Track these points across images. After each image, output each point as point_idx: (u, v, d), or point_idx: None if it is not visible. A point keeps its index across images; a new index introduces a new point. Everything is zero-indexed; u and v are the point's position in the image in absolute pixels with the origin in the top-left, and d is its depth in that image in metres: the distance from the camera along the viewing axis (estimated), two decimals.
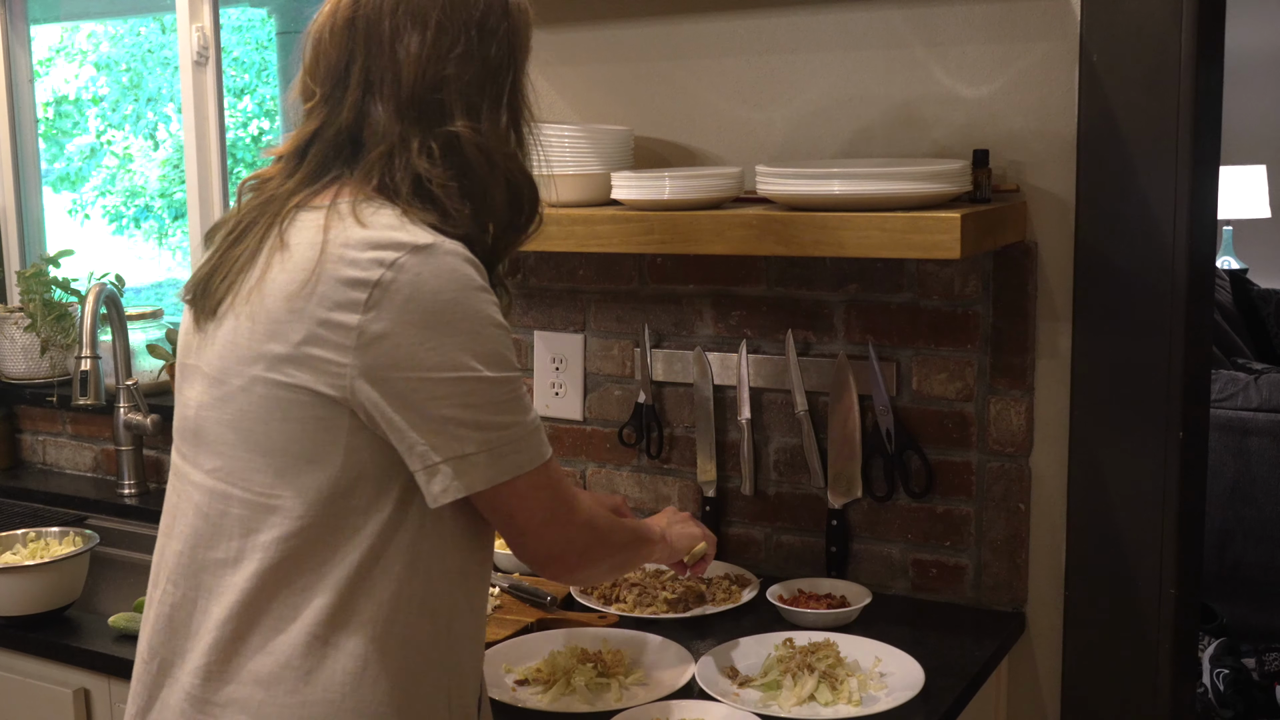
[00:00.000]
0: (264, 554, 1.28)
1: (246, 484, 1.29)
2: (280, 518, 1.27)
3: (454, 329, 1.24)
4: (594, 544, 1.42)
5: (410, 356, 1.23)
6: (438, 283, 1.23)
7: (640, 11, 2.21)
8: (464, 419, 1.25)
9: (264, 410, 1.27)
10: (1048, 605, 2.02)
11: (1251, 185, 5.94)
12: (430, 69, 1.31)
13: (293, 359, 1.25)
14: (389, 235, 1.24)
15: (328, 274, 1.23)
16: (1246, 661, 3.48)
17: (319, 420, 1.26)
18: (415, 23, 1.31)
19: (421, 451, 1.25)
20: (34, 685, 2.09)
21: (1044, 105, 1.92)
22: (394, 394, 1.23)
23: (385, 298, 1.22)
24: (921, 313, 2.04)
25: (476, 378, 1.25)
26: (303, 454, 1.27)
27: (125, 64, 4.22)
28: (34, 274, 2.98)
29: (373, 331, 1.22)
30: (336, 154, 1.33)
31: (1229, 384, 3.68)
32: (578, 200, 2.04)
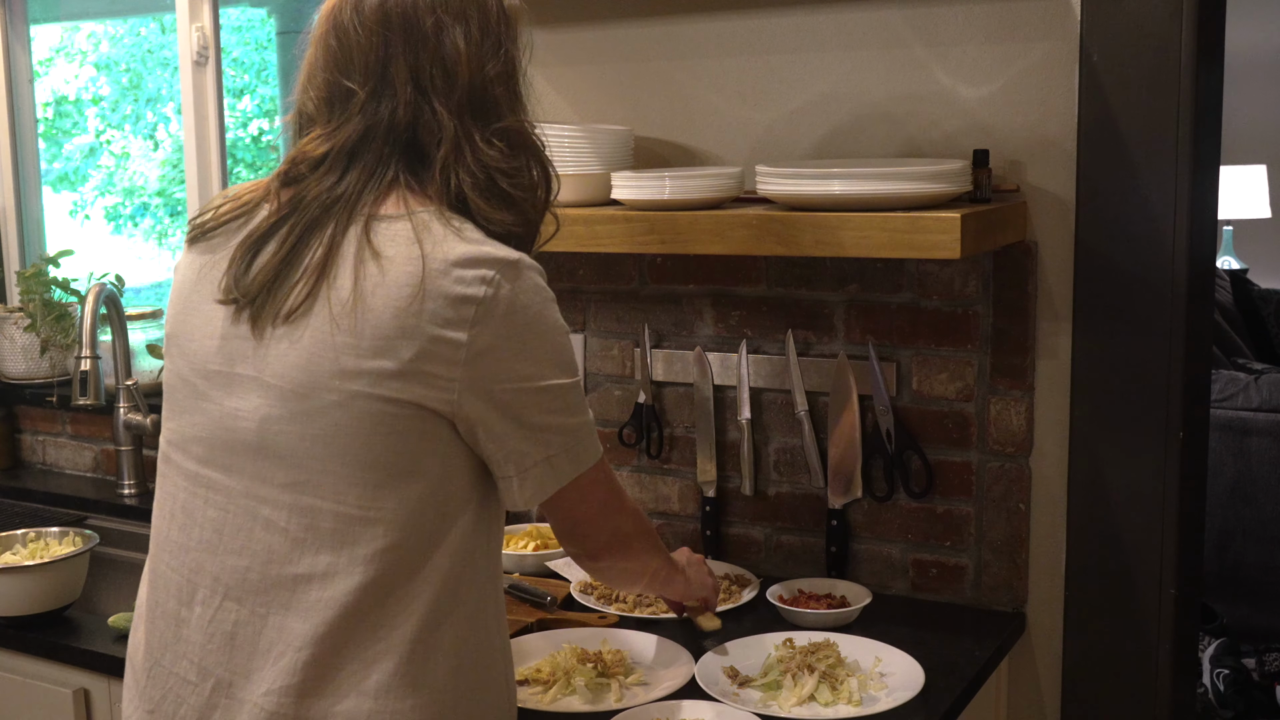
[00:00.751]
0: (366, 566, 1.28)
1: (340, 497, 1.28)
2: (381, 529, 1.28)
3: (541, 341, 1.32)
4: (639, 534, 1.54)
5: (508, 369, 1.29)
6: (526, 298, 1.30)
7: (640, 11, 2.21)
8: (551, 424, 1.34)
9: (365, 425, 1.26)
10: (1048, 605, 2.02)
11: (1251, 185, 5.94)
12: (478, 66, 1.33)
13: (403, 374, 1.26)
14: (484, 251, 1.29)
15: (435, 290, 1.25)
16: (1246, 661, 3.48)
17: (421, 433, 1.28)
18: (458, 20, 1.33)
19: (518, 457, 1.33)
20: (34, 685, 2.09)
21: (1044, 105, 1.92)
22: (498, 405, 1.30)
23: (488, 314, 1.27)
24: (921, 313, 2.04)
25: (559, 385, 1.34)
26: (403, 465, 1.28)
27: (125, 64, 4.22)
28: (34, 274, 2.98)
29: (478, 347, 1.27)
30: (392, 154, 1.33)
31: (1229, 384, 3.68)
32: (578, 200, 2.04)
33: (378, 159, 1.32)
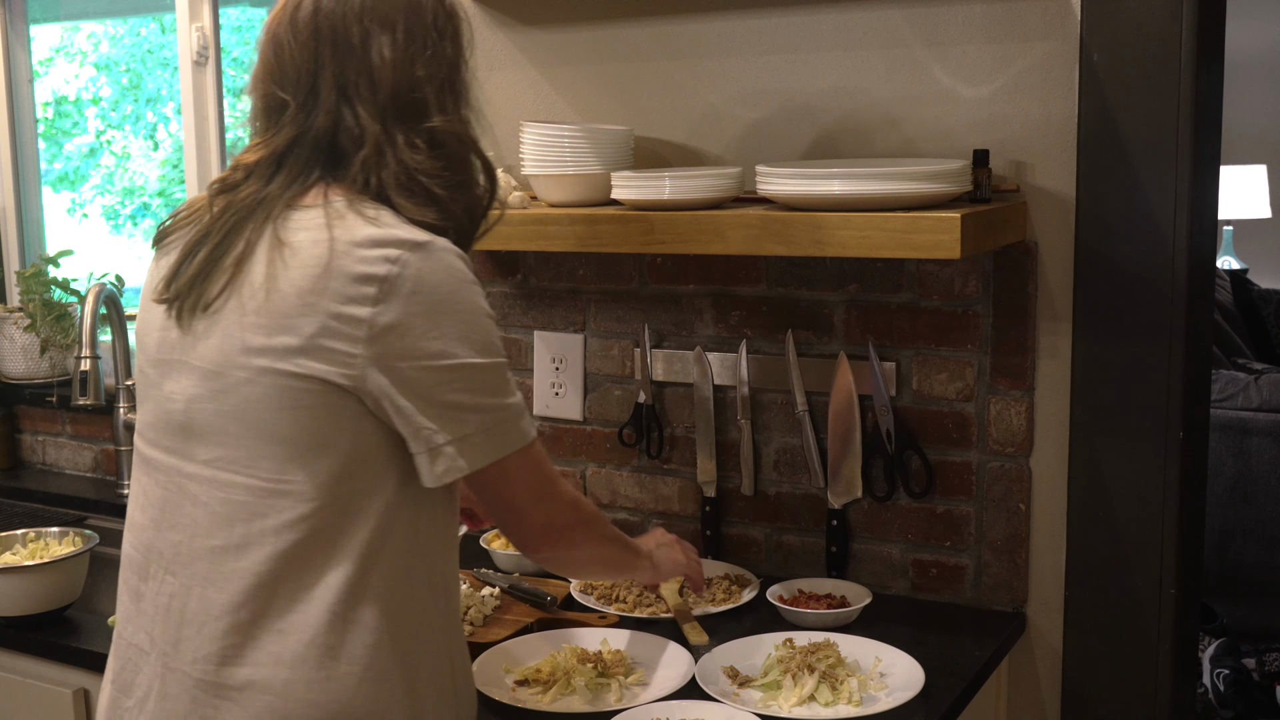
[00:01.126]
0: (276, 538, 1.32)
1: (252, 471, 1.33)
2: (291, 501, 1.32)
3: (452, 319, 1.32)
4: (578, 524, 1.50)
5: (414, 346, 1.31)
6: (437, 277, 1.32)
7: (640, 11, 2.21)
8: (463, 403, 1.33)
9: (273, 399, 1.32)
10: (1048, 605, 2.02)
11: (1251, 185, 5.94)
12: (405, 71, 1.38)
13: (305, 350, 1.30)
14: (392, 233, 1.32)
15: (339, 270, 1.30)
16: (1246, 662, 3.48)
17: (328, 407, 1.31)
18: (384, 28, 1.38)
19: (426, 435, 1.33)
20: (34, 685, 2.09)
21: (1044, 105, 1.92)
22: (402, 381, 1.31)
23: (393, 291, 1.30)
24: (921, 313, 2.04)
25: (472, 364, 1.34)
26: (312, 440, 1.32)
27: (125, 64, 4.22)
28: (34, 274, 2.98)
29: (382, 323, 1.29)
30: (316, 159, 1.39)
31: (1229, 384, 3.68)
32: (578, 200, 2.04)
33: (302, 164, 1.39)
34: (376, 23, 1.38)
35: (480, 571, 2.16)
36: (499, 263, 2.39)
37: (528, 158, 2.07)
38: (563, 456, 2.38)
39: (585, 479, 2.37)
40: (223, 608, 1.34)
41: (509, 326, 2.40)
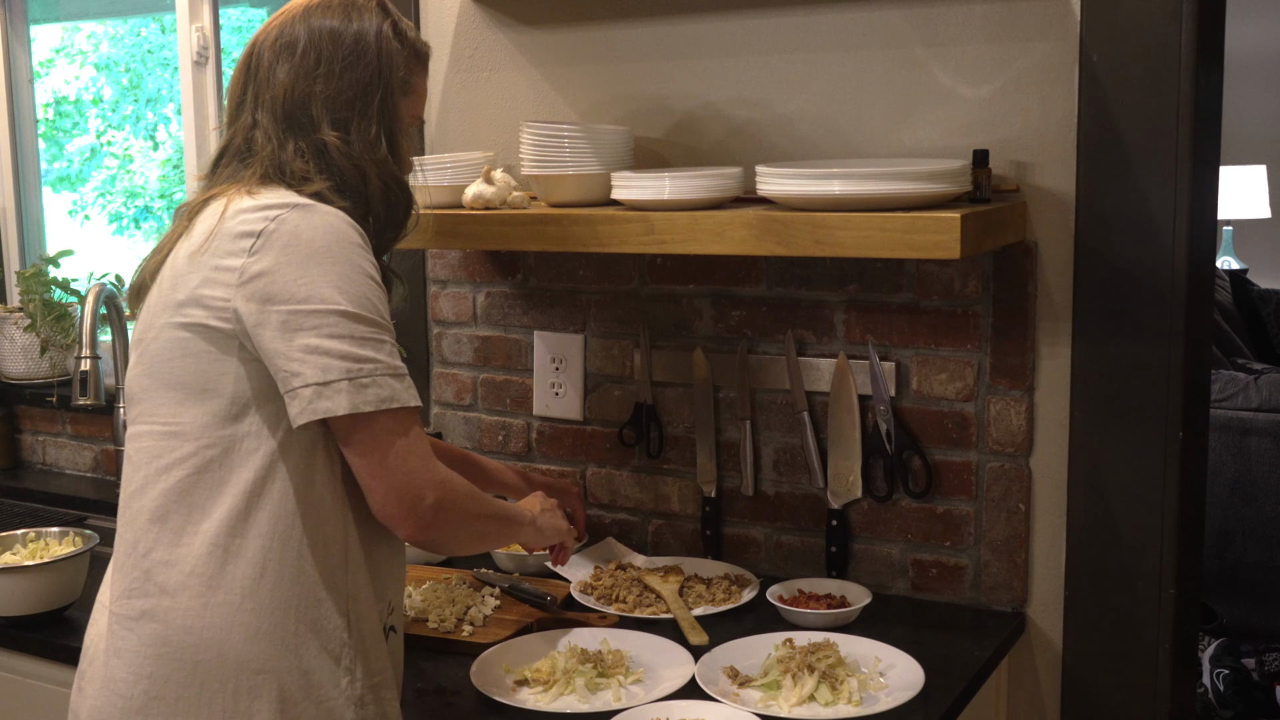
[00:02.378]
0: (165, 475, 1.45)
1: (154, 418, 1.47)
2: (180, 441, 1.45)
3: (324, 269, 1.40)
4: (447, 502, 1.46)
5: (283, 290, 1.39)
6: (313, 231, 1.41)
7: (640, 11, 2.21)
8: (328, 348, 1.38)
9: (168, 350, 1.45)
10: (1048, 605, 2.02)
11: (1251, 185, 5.94)
12: (299, 86, 1.52)
13: (190, 301, 1.44)
14: (277, 198, 1.45)
15: (223, 231, 1.43)
16: (1246, 661, 3.48)
17: (211, 353, 1.43)
18: (287, 51, 1.54)
19: (285, 376, 1.40)
20: (34, 685, 2.09)
21: (1044, 105, 1.92)
22: (268, 324, 1.39)
23: (267, 243, 1.41)
24: (921, 313, 2.04)
25: (341, 310, 1.39)
26: (200, 383, 1.44)
27: (125, 65, 4.22)
28: (34, 274, 2.98)
29: (253, 270, 1.40)
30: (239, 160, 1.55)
31: (1229, 384, 3.68)
32: (578, 200, 2.04)
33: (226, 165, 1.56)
34: (284, 48, 1.53)
35: (480, 571, 2.16)
36: (499, 263, 2.39)
37: (528, 158, 2.07)
38: (563, 456, 2.38)
39: (585, 479, 2.37)
40: (129, 545, 1.47)
41: (509, 326, 2.40)
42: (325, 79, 1.53)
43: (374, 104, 1.55)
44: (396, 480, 1.42)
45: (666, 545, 2.31)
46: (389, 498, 1.43)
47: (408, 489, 1.43)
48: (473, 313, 2.44)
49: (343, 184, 1.51)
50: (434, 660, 1.88)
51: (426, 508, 1.44)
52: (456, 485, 1.50)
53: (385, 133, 1.56)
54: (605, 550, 2.25)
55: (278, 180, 1.49)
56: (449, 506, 1.47)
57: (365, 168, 1.53)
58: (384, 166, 1.55)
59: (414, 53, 1.61)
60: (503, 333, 2.41)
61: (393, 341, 1.45)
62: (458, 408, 2.49)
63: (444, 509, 1.46)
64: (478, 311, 2.43)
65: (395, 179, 1.56)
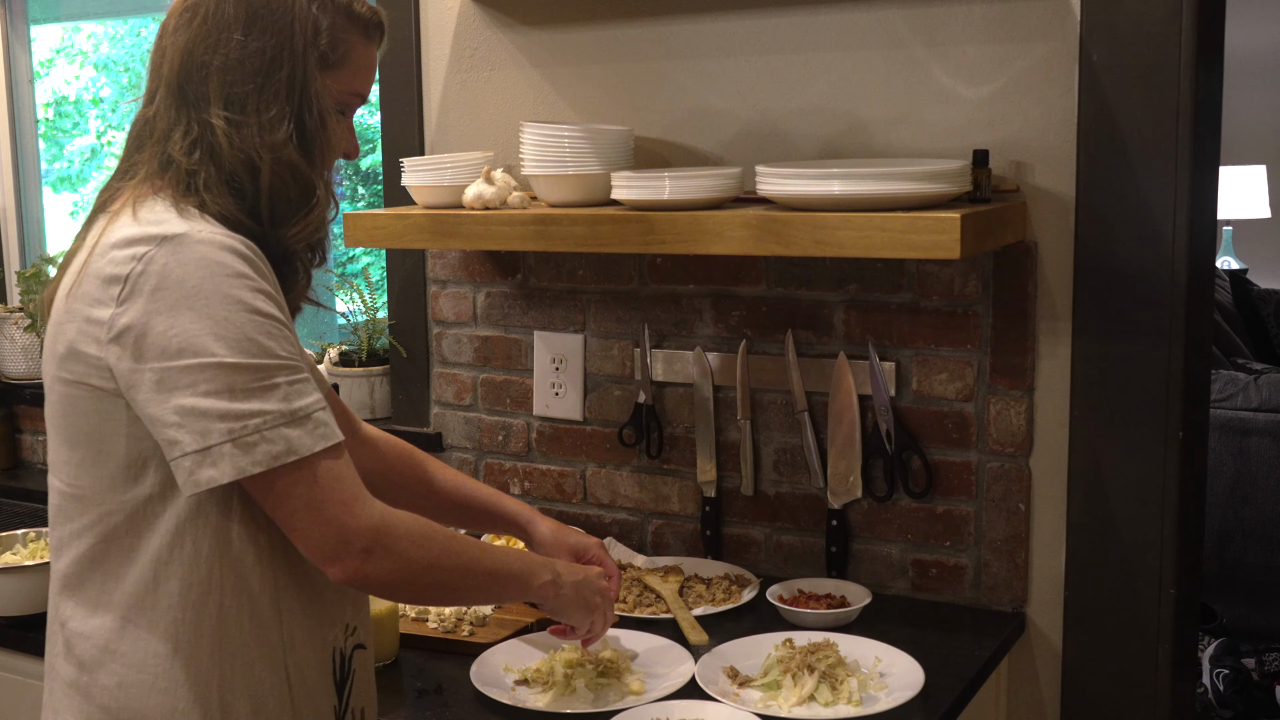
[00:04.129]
0: (77, 541, 1.34)
1: (59, 475, 1.37)
2: (83, 506, 1.34)
3: (197, 314, 1.24)
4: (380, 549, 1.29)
5: (153, 345, 1.24)
6: (182, 270, 1.25)
7: (640, 11, 2.21)
8: (205, 409, 1.23)
9: (60, 406, 1.34)
10: (1048, 605, 2.02)
11: (1251, 185, 5.94)
12: (193, 57, 1.35)
13: (70, 356, 1.31)
14: (144, 230, 1.28)
15: (90, 273, 1.29)
16: (1246, 661, 3.48)
17: (100, 413, 1.31)
18: (189, 15, 1.36)
19: (165, 444, 1.26)
20: (34, 685, 2.08)
21: (1044, 105, 1.92)
22: (140, 384, 1.25)
23: (134, 290, 1.25)
24: (921, 313, 2.04)
25: (218, 363, 1.23)
26: (94, 444, 1.32)
27: (124, 65, 4.22)
28: (34, 274, 2.98)
29: (121, 324, 1.26)
30: (139, 144, 1.39)
31: (1229, 384, 3.68)
32: (578, 200, 2.04)
33: (128, 150, 1.40)
34: (186, 14, 1.36)
35: None
36: (499, 263, 2.39)
37: (528, 158, 2.07)
38: (563, 456, 2.38)
39: (585, 479, 2.37)
40: (56, 608, 1.38)
41: (509, 326, 2.40)
42: (224, 49, 1.34)
43: (280, 79, 1.35)
44: (315, 533, 1.27)
45: (666, 545, 2.31)
46: (309, 549, 1.28)
47: (329, 539, 1.27)
48: (473, 313, 2.44)
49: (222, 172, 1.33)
50: (434, 660, 1.88)
51: (355, 553, 1.27)
52: (394, 529, 1.31)
53: (294, 114, 1.35)
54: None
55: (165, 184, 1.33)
56: (382, 554, 1.29)
57: (255, 155, 1.33)
58: (280, 152, 1.34)
59: (348, 17, 1.40)
60: (503, 333, 2.41)
61: (289, 378, 1.27)
62: (458, 408, 2.49)
63: (375, 556, 1.28)
64: (478, 311, 2.43)
65: (291, 168, 1.35)
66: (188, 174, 1.33)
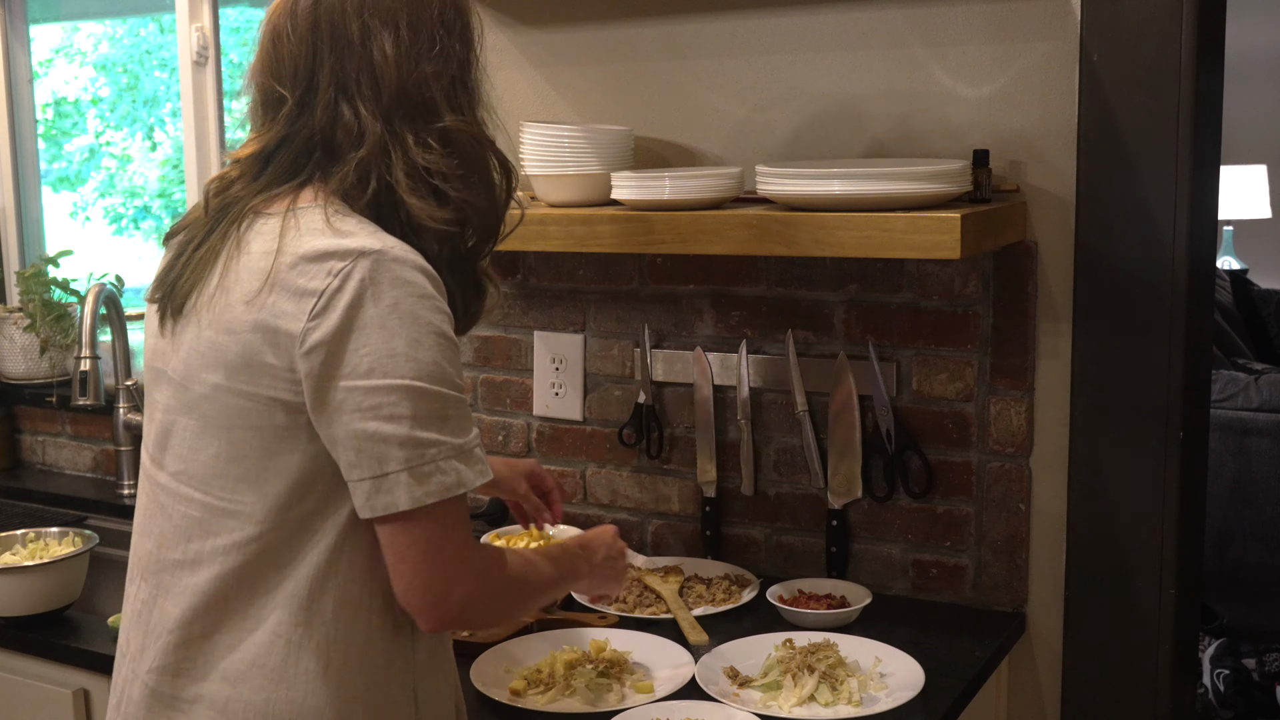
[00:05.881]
0: (225, 558, 1.31)
1: (207, 488, 1.31)
2: (240, 523, 1.30)
3: (389, 334, 1.23)
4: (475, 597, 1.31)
5: (344, 364, 1.23)
6: (378, 288, 1.23)
7: (640, 11, 2.21)
8: (387, 434, 1.23)
9: (226, 417, 1.29)
10: (1048, 605, 2.02)
11: (1251, 185, 5.94)
12: (411, 68, 1.32)
13: (249, 366, 1.27)
14: (341, 243, 1.25)
15: (280, 282, 1.25)
16: (1246, 662, 3.48)
17: (277, 428, 1.27)
18: (386, 24, 1.32)
19: (344, 465, 1.26)
20: (34, 685, 2.09)
21: (1044, 105, 1.92)
22: (325, 403, 1.24)
23: (329, 304, 1.23)
24: (921, 313, 2.04)
25: (404, 386, 1.23)
26: (263, 460, 1.28)
27: (123, 66, 4.22)
28: (33, 274, 2.98)
29: (313, 340, 1.23)
30: (308, 157, 1.34)
31: (1229, 384, 3.68)
32: (578, 200, 2.04)
33: (289, 163, 1.34)
34: (378, 18, 1.31)
35: None
36: (499, 263, 2.39)
37: (528, 158, 2.07)
38: (563, 456, 2.38)
39: (585, 479, 2.37)
40: (175, 621, 1.33)
41: (509, 327, 2.40)
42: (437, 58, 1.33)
43: (471, 79, 1.38)
44: (426, 571, 1.26)
45: (666, 545, 2.31)
46: (412, 588, 1.27)
47: (435, 583, 1.27)
48: None
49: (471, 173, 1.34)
50: None
51: (453, 603, 1.28)
52: (492, 578, 1.34)
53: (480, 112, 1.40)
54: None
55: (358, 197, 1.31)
56: (477, 600, 1.31)
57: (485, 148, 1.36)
58: (494, 145, 1.38)
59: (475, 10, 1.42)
60: (503, 333, 2.41)
61: (459, 413, 1.27)
62: None
63: (471, 605, 1.30)
64: None
65: (505, 162, 1.40)
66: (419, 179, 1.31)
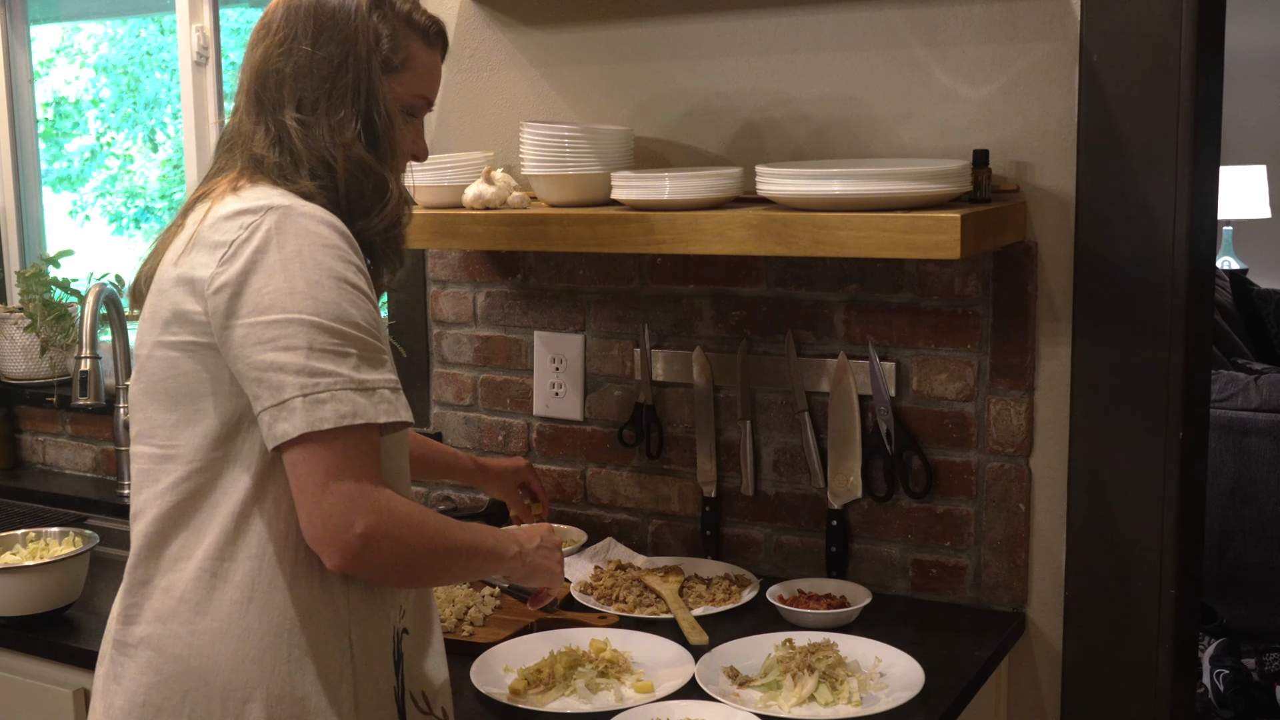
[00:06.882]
0: (161, 500, 1.40)
1: (151, 439, 1.42)
2: (175, 464, 1.39)
3: (290, 274, 1.32)
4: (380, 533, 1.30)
5: (247, 302, 1.32)
6: (283, 237, 1.33)
7: (640, 11, 2.21)
8: (283, 363, 1.30)
9: (161, 370, 1.40)
10: (1048, 605, 2.02)
11: (1251, 185, 5.94)
12: (268, 66, 1.45)
13: (174, 318, 1.38)
14: (250, 204, 1.37)
15: (200, 240, 1.37)
16: (1246, 662, 3.48)
17: (199, 372, 1.37)
18: (263, 30, 1.48)
19: (252, 399, 1.33)
20: (34, 685, 2.09)
21: (1044, 105, 1.92)
22: (231, 340, 1.33)
23: (236, 252, 1.34)
24: (921, 313, 2.04)
25: (300, 319, 1.30)
26: (191, 404, 1.38)
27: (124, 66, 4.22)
28: (34, 274, 2.98)
29: (220, 282, 1.33)
30: (229, 148, 1.49)
31: (1229, 384, 3.68)
32: (578, 200, 2.04)
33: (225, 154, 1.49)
34: (264, 26, 1.47)
35: None
36: (499, 263, 2.39)
37: (528, 158, 2.07)
38: (563, 456, 2.38)
39: (585, 479, 2.37)
40: (128, 569, 1.43)
41: (509, 326, 2.40)
42: (295, 56, 1.44)
43: (346, 83, 1.44)
44: (325, 504, 1.29)
45: (666, 545, 2.31)
46: (314, 521, 1.29)
47: (334, 515, 1.29)
48: (473, 313, 2.44)
49: (310, 171, 1.42)
50: None
51: (354, 538, 1.29)
52: (397, 514, 1.32)
53: (361, 115, 1.44)
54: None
55: (261, 174, 1.42)
56: (381, 538, 1.30)
57: (328, 154, 1.43)
58: (350, 150, 1.43)
59: (408, 25, 1.49)
60: (503, 333, 2.41)
61: (364, 353, 1.32)
62: (458, 408, 2.49)
63: (374, 540, 1.30)
64: (478, 311, 2.43)
65: (362, 164, 1.44)
66: (277, 166, 1.42)
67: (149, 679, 1.38)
